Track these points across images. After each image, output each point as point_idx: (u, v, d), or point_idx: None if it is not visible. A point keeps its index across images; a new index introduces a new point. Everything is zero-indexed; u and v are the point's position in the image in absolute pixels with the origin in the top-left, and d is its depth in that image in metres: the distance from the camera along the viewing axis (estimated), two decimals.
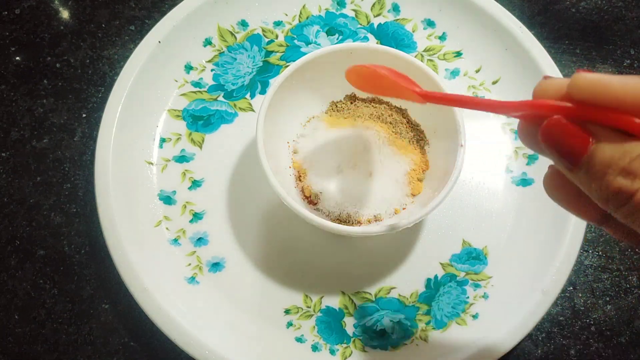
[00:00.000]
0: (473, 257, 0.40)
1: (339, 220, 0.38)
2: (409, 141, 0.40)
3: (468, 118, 0.37)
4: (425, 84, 0.38)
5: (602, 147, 0.20)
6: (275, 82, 0.37)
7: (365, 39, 0.46)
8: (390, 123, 0.41)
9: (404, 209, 0.38)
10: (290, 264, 0.40)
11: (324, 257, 0.41)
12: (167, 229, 0.41)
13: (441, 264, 0.40)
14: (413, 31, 0.46)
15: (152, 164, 0.42)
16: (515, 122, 0.44)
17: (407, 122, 0.41)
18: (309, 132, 0.41)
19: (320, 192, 0.39)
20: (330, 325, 0.39)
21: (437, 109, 0.38)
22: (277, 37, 0.46)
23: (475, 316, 0.39)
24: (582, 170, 0.20)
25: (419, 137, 0.41)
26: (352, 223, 0.38)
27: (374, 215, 0.38)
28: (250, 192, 0.42)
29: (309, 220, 0.35)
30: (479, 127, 0.43)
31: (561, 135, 0.20)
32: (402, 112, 0.41)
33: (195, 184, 0.42)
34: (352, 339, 0.38)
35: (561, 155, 0.21)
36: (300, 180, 0.39)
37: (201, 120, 0.43)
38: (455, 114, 0.37)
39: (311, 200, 0.39)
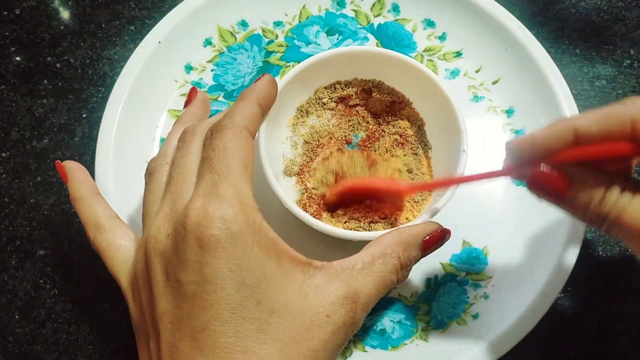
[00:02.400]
0: (473, 257, 0.40)
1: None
2: (412, 145, 0.40)
3: (468, 117, 0.37)
4: (426, 85, 0.38)
5: (579, 191, 0.26)
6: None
7: (365, 39, 0.46)
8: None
9: None
10: None
11: (324, 259, 0.40)
12: None
13: (441, 264, 0.40)
14: (413, 31, 0.46)
15: None
16: (515, 122, 0.44)
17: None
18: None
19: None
20: None
21: (440, 113, 0.38)
22: (277, 37, 0.46)
23: (475, 316, 0.39)
24: (567, 203, 0.27)
25: (421, 142, 0.41)
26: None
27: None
28: None
29: (310, 224, 0.35)
30: (479, 127, 0.43)
31: (543, 184, 0.27)
32: None
33: None
34: (352, 339, 0.38)
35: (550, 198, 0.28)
36: (301, 183, 0.39)
37: None
38: (458, 119, 0.36)
39: None
